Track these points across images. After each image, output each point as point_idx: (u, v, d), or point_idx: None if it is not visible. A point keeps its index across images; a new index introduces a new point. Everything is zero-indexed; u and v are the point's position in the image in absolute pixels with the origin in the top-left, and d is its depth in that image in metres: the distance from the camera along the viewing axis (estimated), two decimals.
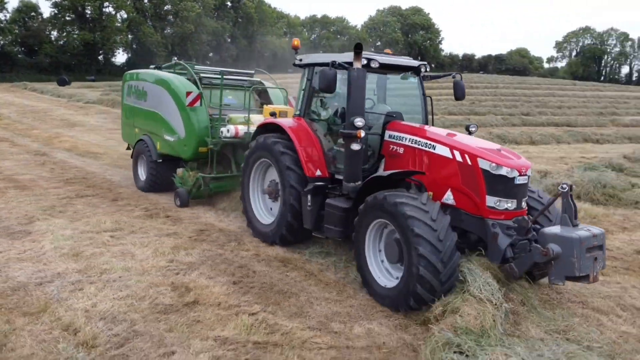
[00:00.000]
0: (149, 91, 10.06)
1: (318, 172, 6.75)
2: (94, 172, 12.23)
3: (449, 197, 5.65)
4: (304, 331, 4.68)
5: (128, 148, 11.62)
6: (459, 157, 5.55)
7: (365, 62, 5.98)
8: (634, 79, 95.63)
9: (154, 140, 10.02)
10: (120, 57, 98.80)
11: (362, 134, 5.69)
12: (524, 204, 5.52)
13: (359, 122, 5.64)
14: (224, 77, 9.61)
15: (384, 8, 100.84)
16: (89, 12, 59.44)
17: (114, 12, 63.12)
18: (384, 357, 4.34)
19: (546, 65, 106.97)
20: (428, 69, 7.00)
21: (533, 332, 4.83)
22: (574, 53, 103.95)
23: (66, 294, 5.31)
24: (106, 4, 61.05)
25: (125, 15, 64.05)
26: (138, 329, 4.64)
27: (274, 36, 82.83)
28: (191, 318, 4.88)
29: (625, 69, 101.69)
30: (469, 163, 5.45)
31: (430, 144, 5.87)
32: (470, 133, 6.67)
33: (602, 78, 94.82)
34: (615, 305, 5.62)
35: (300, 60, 7.26)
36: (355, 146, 5.77)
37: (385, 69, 6.69)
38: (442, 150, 5.72)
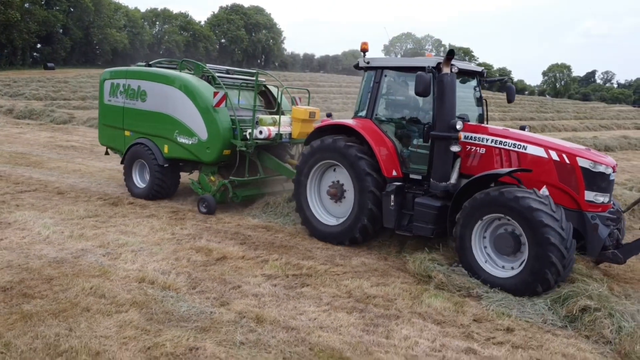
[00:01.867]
0: (150, 90, 9.51)
1: (394, 173, 7.06)
2: (3, 170, 11.95)
3: (544, 193, 5.91)
4: (320, 266, 6.45)
5: (107, 153, 11.22)
6: (555, 157, 6.04)
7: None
8: None
9: (159, 144, 9.54)
10: None
11: (462, 136, 6.31)
12: (612, 198, 6.24)
13: (459, 125, 6.19)
14: (231, 76, 9.81)
15: (227, 5, 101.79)
16: None
17: None
18: (381, 274, 6.33)
19: None
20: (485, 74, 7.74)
21: None
22: (399, 55, 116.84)
23: (109, 262, 6.25)
24: None
25: None
26: (196, 276, 5.92)
27: (113, 29, 78.42)
28: (231, 267, 6.28)
29: None
30: (567, 162, 5.99)
31: (520, 145, 6.29)
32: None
33: None
34: None
35: (368, 62, 7.45)
36: (456, 147, 6.26)
37: (460, 74, 7.07)
38: (536, 150, 6.18)
